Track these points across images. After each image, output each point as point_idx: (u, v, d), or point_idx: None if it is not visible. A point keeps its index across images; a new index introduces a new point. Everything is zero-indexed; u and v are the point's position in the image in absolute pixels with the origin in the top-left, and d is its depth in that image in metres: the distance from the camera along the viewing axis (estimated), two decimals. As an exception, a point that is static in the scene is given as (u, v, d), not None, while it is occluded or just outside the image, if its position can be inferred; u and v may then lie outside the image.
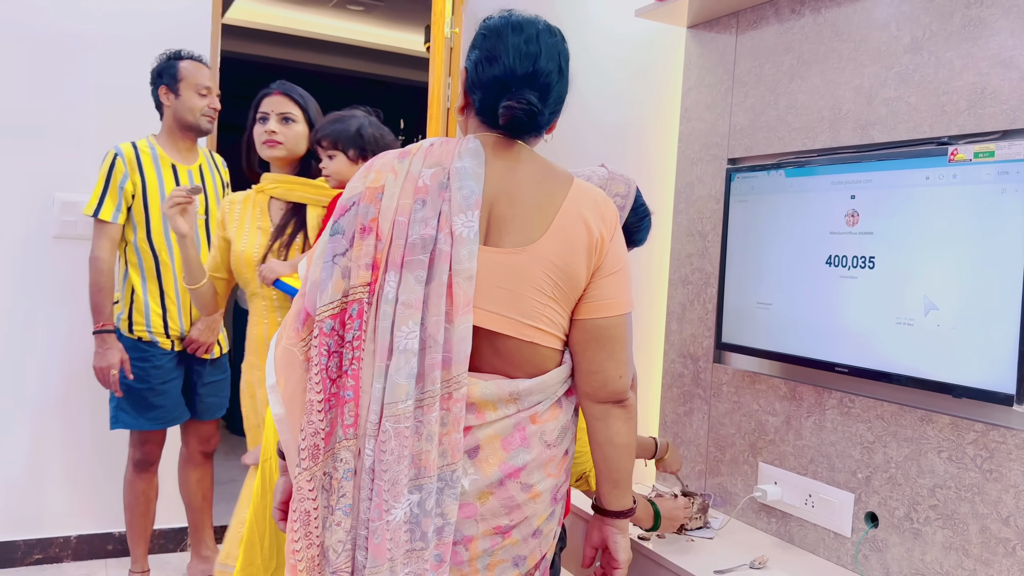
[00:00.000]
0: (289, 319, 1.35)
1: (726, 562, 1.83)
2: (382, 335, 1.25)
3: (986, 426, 1.58)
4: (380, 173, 1.33)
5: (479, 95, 1.36)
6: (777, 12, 2.07)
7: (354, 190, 1.34)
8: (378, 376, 1.25)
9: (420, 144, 1.37)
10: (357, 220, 1.31)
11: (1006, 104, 1.57)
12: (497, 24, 1.38)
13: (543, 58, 1.35)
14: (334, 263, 1.30)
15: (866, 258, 1.75)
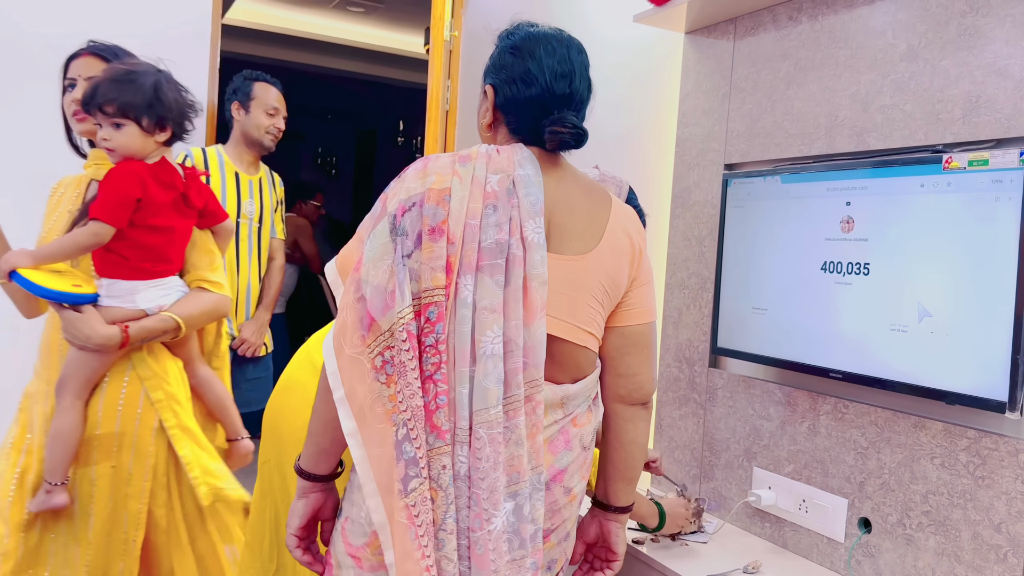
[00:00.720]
0: (349, 325, 1.29)
1: (720, 566, 1.84)
2: (462, 339, 1.25)
3: (978, 433, 1.59)
4: (441, 176, 1.31)
5: (514, 115, 1.39)
6: (775, 19, 2.08)
7: (412, 190, 1.31)
8: (462, 381, 1.25)
9: (476, 150, 1.36)
10: (423, 221, 1.28)
11: (1000, 113, 1.57)
12: (526, 43, 1.39)
13: (577, 77, 1.41)
14: (404, 265, 1.27)
15: (861, 264, 1.76)
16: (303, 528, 1.40)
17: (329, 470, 1.39)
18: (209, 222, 2.07)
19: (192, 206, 1.99)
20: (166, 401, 1.92)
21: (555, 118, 1.36)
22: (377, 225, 1.31)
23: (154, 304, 1.92)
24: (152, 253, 1.91)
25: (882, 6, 1.81)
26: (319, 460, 1.36)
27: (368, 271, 1.28)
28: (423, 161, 1.35)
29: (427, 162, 1.35)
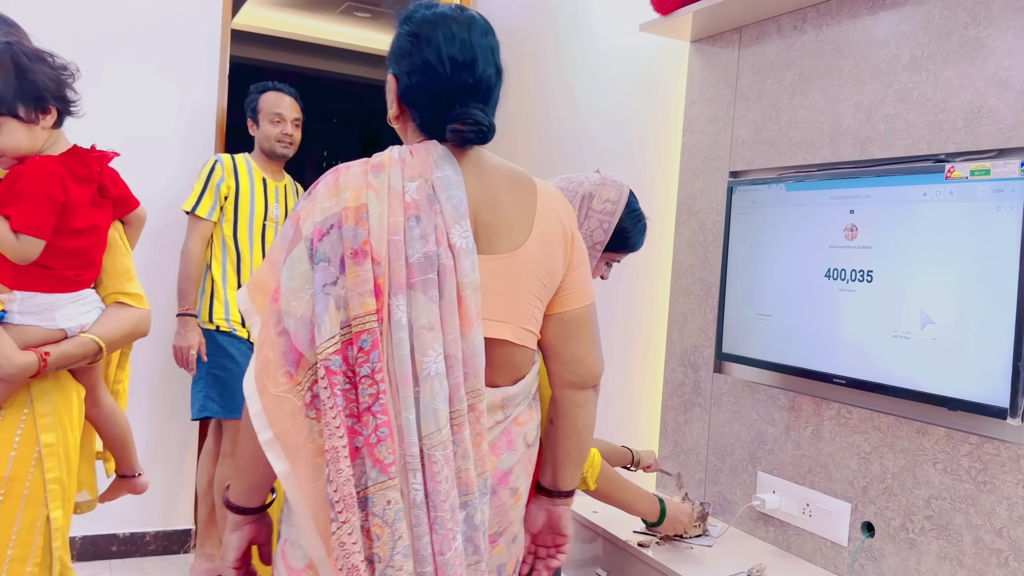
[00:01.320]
0: (272, 363, 1.20)
1: (725, 570, 1.86)
2: (402, 363, 1.19)
3: (980, 438, 1.61)
4: (355, 191, 1.21)
5: (417, 109, 1.30)
6: (779, 28, 2.11)
7: (327, 211, 1.21)
8: (407, 406, 1.19)
9: (387, 155, 1.27)
10: (344, 244, 1.19)
11: (1002, 123, 1.60)
12: (424, 27, 1.28)
13: (480, 64, 1.28)
14: (326, 294, 1.18)
15: (864, 272, 1.78)
16: (241, 560, 1.35)
17: (261, 502, 1.34)
18: (122, 211, 1.77)
19: (108, 196, 1.71)
20: (56, 447, 1.63)
21: (456, 113, 1.26)
22: (293, 250, 1.21)
23: (75, 323, 1.62)
24: (78, 259, 1.64)
25: (886, 17, 1.83)
26: (251, 495, 1.31)
27: (288, 302, 1.19)
28: (333, 174, 1.24)
29: (338, 175, 1.24)
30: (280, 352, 1.19)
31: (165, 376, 3.24)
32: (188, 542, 3.31)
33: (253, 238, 3.03)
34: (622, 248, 1.74)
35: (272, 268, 1.24)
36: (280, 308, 1.19)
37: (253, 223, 3.03)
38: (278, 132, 3.07)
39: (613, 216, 1.70)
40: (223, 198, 2.99)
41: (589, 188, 1.71)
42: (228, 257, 3.00)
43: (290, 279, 1.20)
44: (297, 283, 1.19)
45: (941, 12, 1.72)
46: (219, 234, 3.00)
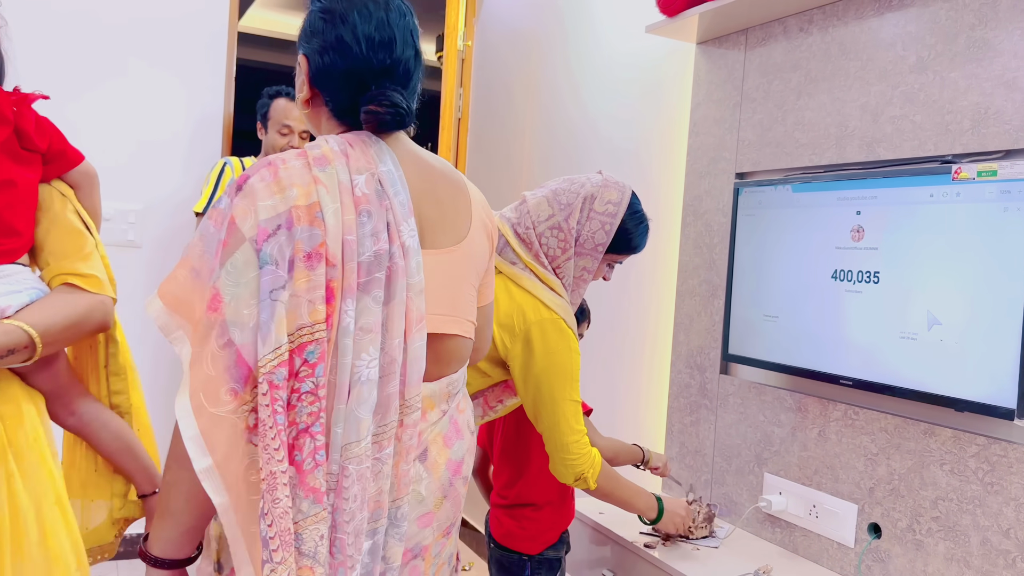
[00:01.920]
0: (214, 379, 1.05)
1: (731, 571, 1.86)
2: (343, 373, 1.08)
3: (988, 440, 1.61)
4: (303, 187, 1.09)
5: (330, 92, 1.21)
6: (785, 30, 2.11)
7: (272, 208, 1.07)
8: (338, 420, 1.08)
9: (327, 147, 1.15)
10: (295, 246, 1.06)
11: (1009, 124, 1.60)
12: (338, 4, 1.20)
13: (399, 44, 1.20)
14: (273, 300, 1.05)
15: (871, 273, 1.78)
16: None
17: (193, 551, 1.16)
18: (59, 168, 1.46)
19: (33, 148, 1.40)
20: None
21: (372, 95, 1.17)
22: (234, 253, 1.06)
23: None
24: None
25: (892, 18, 1.84)
26: (182, 542, 1.12)
27: (237, 310, 1.05)
28: (268, 168, 1.10)
29: (275, 170, 1.10)
30: (223, 366, 1.05)
31: (169, 378, 3.25)
32: (194, 543, 3.32)
33: None
34: (624, 250, 1.74)
35: (194, 276, 1.10)
36: (225, 318, 1.05)
37: None
38: (284, 143, 3.07)
39: (615, 217, 1.70)
40: None
41: (591, 189, 1.71)
42: None
43: (235, 285, 1.06)
44: (246, 289, 1.06)
45: (948, 13, 1.72)
46: None
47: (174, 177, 3.22)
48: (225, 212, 1.09)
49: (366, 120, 1.18)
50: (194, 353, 1.07)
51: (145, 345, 3.18)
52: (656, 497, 1.89)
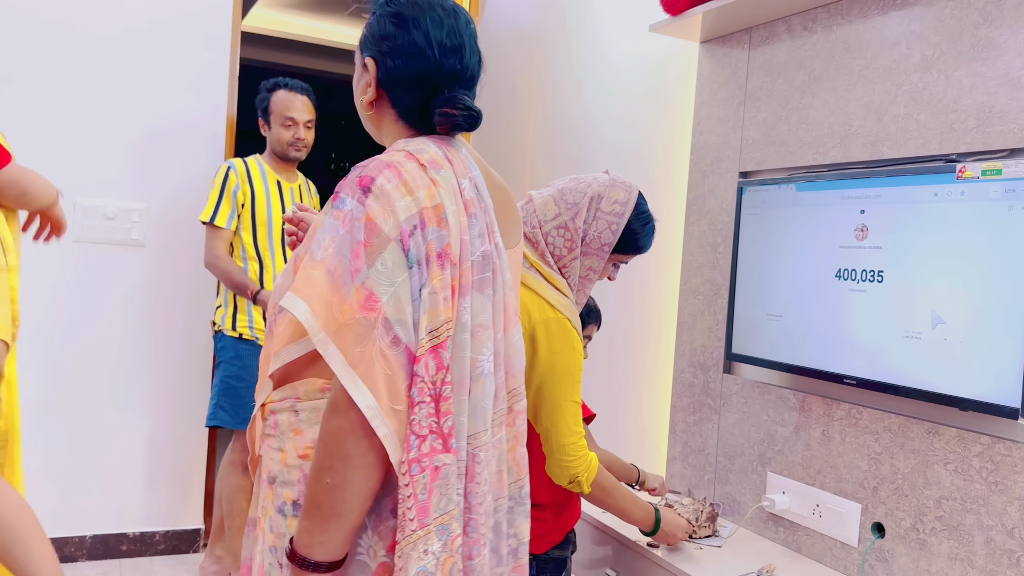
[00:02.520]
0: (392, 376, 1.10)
1: (734, 570, 1.86)
2: (461, 366, 1.14)
3: (992, 439, 1.60)
4: (426, 190, 1.15)
5: (399, 94, 1.25)
6: (789, 29, 2.11)
7: (407, 210, 1.12)
8: (461, 409, 1.15)
9: (433, 151, 1.21)
10: (429, 246, 1.12)
11: (1014, 123, 1.59)
12: (409, 10, 1.24)
13: (467, 50, 1.25)
14: (420, 298, 1.11)
15: (875, 272, 1.78)
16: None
17: (348, 550, 1.16)
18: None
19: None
20: None
21: (446, 97, 1.22)
22: (382, 253, 1.10)
23: None
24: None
25: (896, 17, 1.83)
26: (346, 542, 1.13)
27: (396, 309, 1.10)
28: (393, 172, 1.14)
29: (399, 172, 1.15)
30: (399, 364, 1.10)
31: (175, 376, 3.26)
32: (197, 542, 3.33)
33: (274, 243, 2.96)
34: (630, 250, 1.74)
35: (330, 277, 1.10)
36: (385, 316, 1.09)
37: (272, 228, 2.96)
38: (290, 136, 2.99)
39: (622, 218, 1.70)
40: (240, 206, 2.92)
41: (598, 189, 1.70)
42: (250, 265, 2.93)
43: (391, 285, 1.10)
44: (403, 288, 1.10)
45: (952, 12, 1.72)
46: (238, 243, 2.94)
47: (178, 177, 3.22)
48: (354, 213, 1.12)
49: (440, 122, 1.23)
50: (355, 353, 1.08)
51: (156, 343, 3.19)
52: (655, 508, 1.87)
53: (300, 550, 1.10)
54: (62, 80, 3.10)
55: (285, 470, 1.19)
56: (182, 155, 3.24)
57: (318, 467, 1.09)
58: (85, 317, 3.14)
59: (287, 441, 1.20)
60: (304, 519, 1.10)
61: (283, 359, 1.18)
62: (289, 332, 1.18)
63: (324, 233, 1.12)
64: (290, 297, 1.10)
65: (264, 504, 1.24)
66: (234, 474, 2.90)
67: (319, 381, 1.18)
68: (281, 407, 1.21)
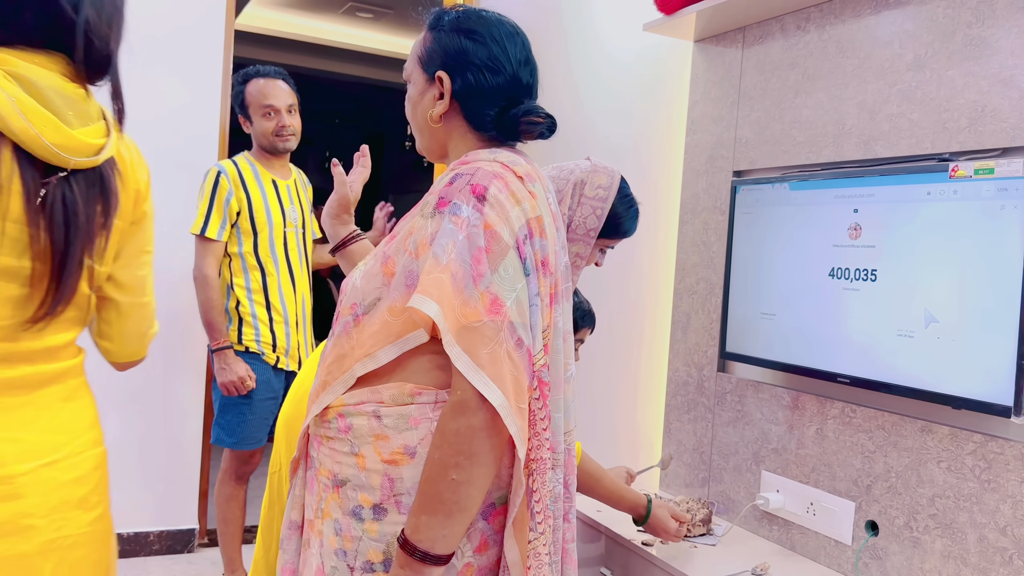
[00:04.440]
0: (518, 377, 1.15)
1: (729, 569, 1.86)
2: (556, 368, 1.25)
3: (985, 437, 1.61)
4: (530, 202, 1.22)
5: (476, 106, 1.29)
6: (783, 28, 2.11)
7: (519, 220, 1.19)
8: (557, 407, 1.25)
9: (524, 164, 1.27)
10: (536, 255, 1.20)
11: (1006, 122, 1.60)
12: (482, 26, 1.30)
13: (533, 63, 1.35)
14: (534, 305, 1.19)
15: (868, 271, 1.78)
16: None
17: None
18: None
19: None
20: None
21: (528, 108, 1.29)
22: (503, 260, 1.15)
23: None
24: None
25: (889, 16, 1.84)
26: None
27: (519, 313, 1.16)
28: (502, 183, 1.20)
29: (507, 183, 1.20)
30: (523, 366, 1.16)
31: (171, 375, 3.25)
32: (192, 541, 3.32)
33: (276, 250, 2.78)
34: (615, 234, 1.74)
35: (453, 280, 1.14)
36: (511, 320, 1.14)
37: (273, 235, 2.78)
38: (273, 126, 2.76)
39: (606, 202, 1.70)
40: (235, 214, 2.72)
41: (581, 175, 1.70)
42: (251, 276, 2.75)
43: (513, 290, 1.16)
44: (523, 294, 1.17)
45: (945, 11, 1.72)
46: (236, 253, 2.75)
47: (171, 178, 3.21)
48: (471, 220, 1.16)
49: (526, 131, 1.30)
50: (483, 354, 1.12)
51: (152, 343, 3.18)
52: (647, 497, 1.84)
53: (421, 544, 1.13)
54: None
55: (362, 474, 1.20)
56: (175, 154, 3.23)
57: (442, 464, 1.12)
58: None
59: (365, 446, 1.20)
60: (424, 514, 1.13)
61: (379, 361, 1.20)
62: (385, 333, 1.20)
63: (445, 238, 1.16)
64: (420, 299, 1.13)
65: (325, 507, 1.24)
66: (228, 483, 2.85)
67: (408, 386, 1.19)
68: (358, 411, 1.21)
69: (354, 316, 1.24)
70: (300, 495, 1.31)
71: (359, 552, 1.19)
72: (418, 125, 1.36)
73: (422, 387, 1.18)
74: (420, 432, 1.18)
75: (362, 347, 1.21)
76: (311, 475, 1.29)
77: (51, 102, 1.10)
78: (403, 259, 1.21)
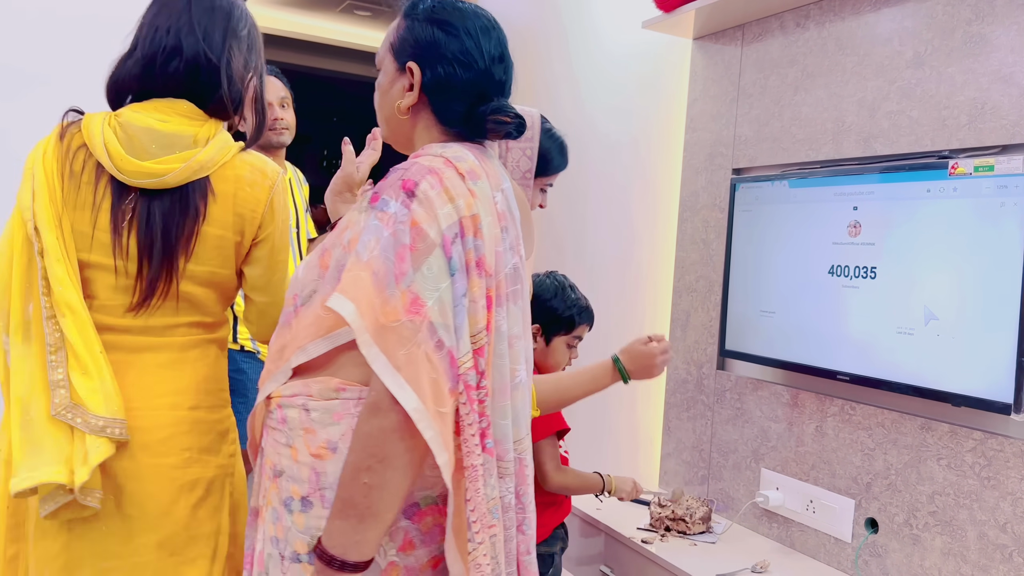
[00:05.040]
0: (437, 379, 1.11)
1: (729, 566, 1.86)
2: (501, 374, 1.20)
3: (984, 434, 1.61)
4: (465, 199, 1.17)
5: (445, 100, 1.26)
6: (782, 25, 2.11)
7: (449, 218, 1.14)
8: (503, 415, 1.20)
9: (470, 160, 1.23)
10: (468, 255, 1.15)
11: (1006, 119, 1.60)
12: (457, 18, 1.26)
13: (508, 60, 1.30)
14: (462, 306, 1.14)
15: (868, 268, 1.78)
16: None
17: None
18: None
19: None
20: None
21: (497, 106, 1.25)
22: (427, 258, 1.12)
23: None
24: None
25: (889, 13, 1.84)
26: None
27: (440, 314, 1.12)
28: (435, 177, 1.16)
29: (441, 179, 1.16)
30: (443, 368, 1.12)
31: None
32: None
33: None
34: (549, 170, 1.78)
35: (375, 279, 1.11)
36: (432, 320, 1.11)
37: None
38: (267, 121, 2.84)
39: (533, 142, 1.72)
40: None
41: None
42: None
43: (436, 290, 1.12)
44: (447, 294, 1.13)
45: (944, 8, 1.72)
46: None
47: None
48: (398, 216, 1.13)
49: (493, 129, 1.27)
50: (400, 355, 1.09)
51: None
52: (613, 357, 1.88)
53: (333, 551, 1.10)
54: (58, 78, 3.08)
55: (295, 466, 1.18)
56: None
57: (354, 467, 1.09)
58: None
59: (297, 439, 1.19)
60: (338, 519, 1.10)
61: (309, 354, 1.18)
62: (317, 327, 1.18)
63: (369, 235, 1.14)
64: (338, 298, 1.11)
65: (267, 496, 1.23)
66: None
67: (335, 381, 1.17)
68: (291, 403, 1.20)
69: (294, 307, 1.23)
70: (258, 482, 1.30)
71: (288, 542, 1.18)
72: (385, 115, 1.32)
73: (348, 383, 1.16)
74: (342, 428, 1.15)
75: (296, 340, 1.20)
76: (260, 462, 1.29)
77: (136, 139, 1.38)
78: (337, 252, 1.19)
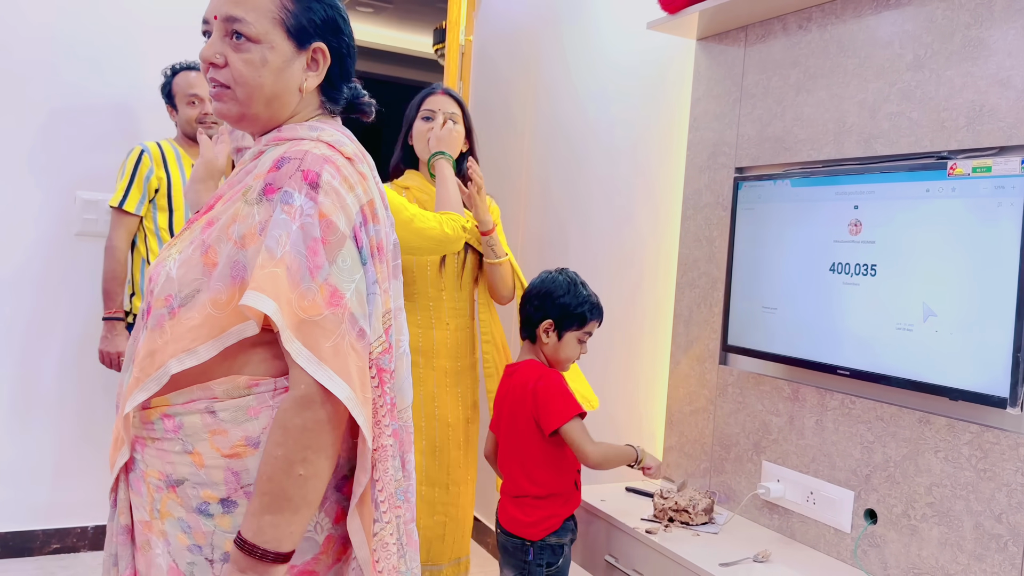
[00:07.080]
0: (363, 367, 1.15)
1: (730, 556, 1.91)
2: (400, 349, 1.24)
3: (981, 428, 1.65)
4: (362, 185, 1.20)
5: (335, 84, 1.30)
6: (785, 27, 2.15)
7: (354, 207, 1.17)
8: (394, 389, 1.24)
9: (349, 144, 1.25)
10: (371, 241, 1.20)
11: (1003, 121, 1.64)
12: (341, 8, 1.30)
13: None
14: (373, 292, 1.18)
15: (868, 266, 1.82)
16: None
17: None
18: None
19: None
20: None
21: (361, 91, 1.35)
22: (340, 250, 1.13)
23: None
24: None
25: (889, 17, 1.88)
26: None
27: (358, 304, 1.14)
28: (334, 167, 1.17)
29: (338, 168, 1.17)
30: (366, 356, 1.15)
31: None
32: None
33: None
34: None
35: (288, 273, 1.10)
36: (352, 311, 1.13)
37: (188, 213, 2.93)
38: (196, 114, 2.91)
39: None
40: (153, 191, 2.90)
41: None
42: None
43: (351, 281, 1.14)
44: (361, 284, 1.15)
45: (944, 12, 1.76)
46: (152, 228, 2.92)
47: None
48: (305, 209, 1.12)
49: (365, 112, 1.35)
50: (326, 348, 1.09)
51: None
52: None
53: (267, 545, 1.09)
54: (62, 77, 3.11)
55: (202, 472, 1.15)
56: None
57: (287, 460, 1.09)
58: (89, 310, 3.16)
59: (200, 443, 1.15)
60: (269, 514, 1.09)
61: (200, 357, 1.13)
62: (209, 327, 1.13)
63: (278, 229, 1.11)
64: (256, 296, 1.08)
65: (162, 508, 1.18)
66: None
67: (242, 378, 1.15)
68: (188, 409, 1.16)
69: (169, 309, 1.16)
70: (125, 498, 1.24)
71: (215, 545, 1.16)
72: (267, 94, 1.22)
73: (257, 378, 1.15)
74: (262, 421, 1.14)
75: (179, 342, 1.14)
76: (135, 477, 1.22)
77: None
78: (226, 249, 1.15)
